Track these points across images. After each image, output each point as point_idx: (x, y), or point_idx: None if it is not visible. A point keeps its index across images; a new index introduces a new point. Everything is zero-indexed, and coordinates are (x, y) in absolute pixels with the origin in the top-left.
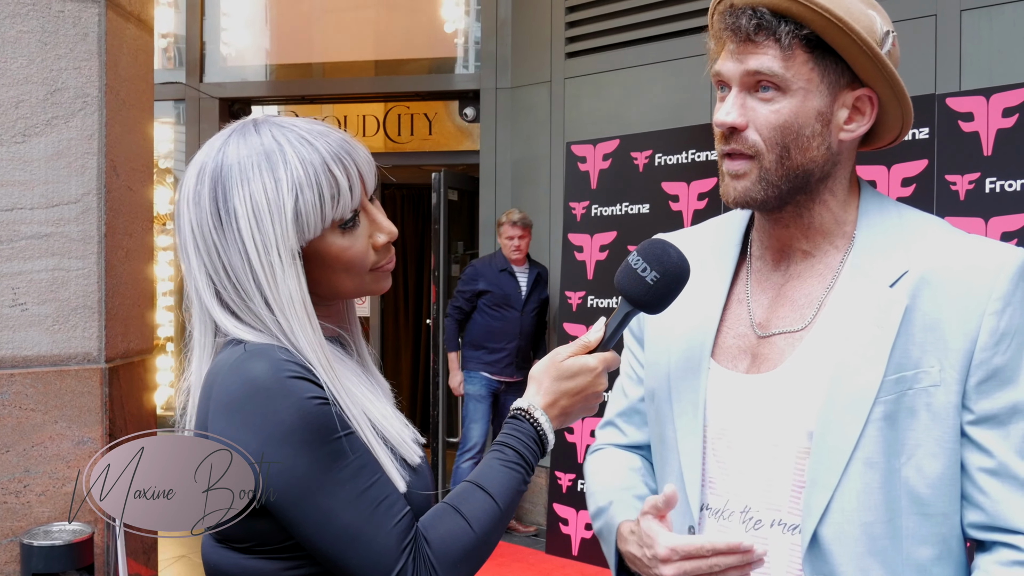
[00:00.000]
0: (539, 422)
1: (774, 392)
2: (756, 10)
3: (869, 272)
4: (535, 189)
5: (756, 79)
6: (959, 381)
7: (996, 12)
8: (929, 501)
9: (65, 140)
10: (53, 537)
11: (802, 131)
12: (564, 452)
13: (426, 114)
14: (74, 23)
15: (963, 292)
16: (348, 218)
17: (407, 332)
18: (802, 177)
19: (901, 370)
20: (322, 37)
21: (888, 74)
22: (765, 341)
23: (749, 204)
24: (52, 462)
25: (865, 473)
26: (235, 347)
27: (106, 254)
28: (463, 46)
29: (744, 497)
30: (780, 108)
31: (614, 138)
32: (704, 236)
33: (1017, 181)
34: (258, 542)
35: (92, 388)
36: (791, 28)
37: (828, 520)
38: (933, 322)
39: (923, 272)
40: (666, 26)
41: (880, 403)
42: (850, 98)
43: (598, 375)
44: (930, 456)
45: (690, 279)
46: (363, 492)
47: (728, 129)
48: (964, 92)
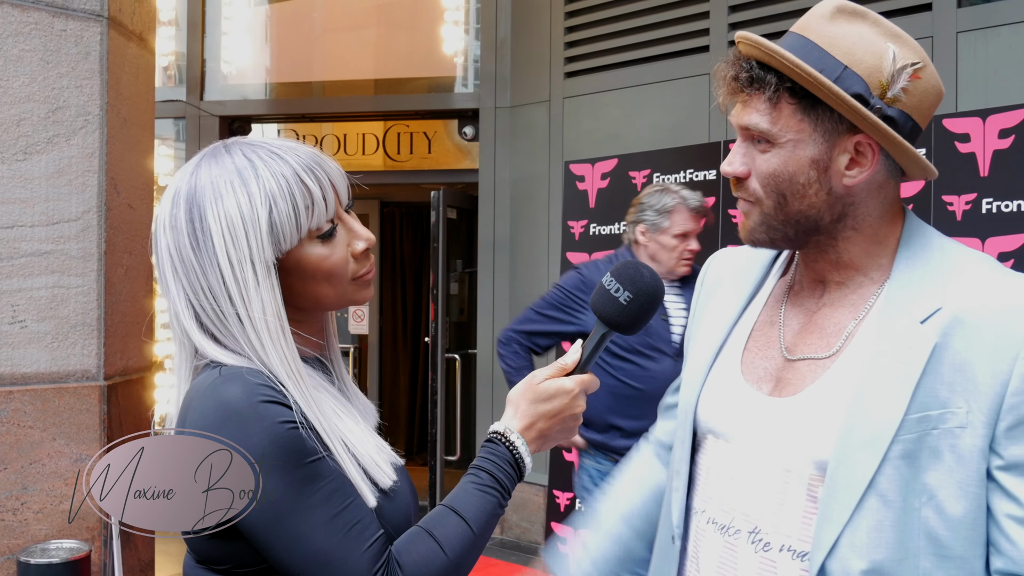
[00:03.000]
0: (515, 446)
1: (792, 417)
2: (748, 62)
3: (902, 307)
4: (534, 208)
5: (750, 133)
6: (987, 424)
7: (992, 34)
8: (948, 544)
9: (66, 158)
10: (50, 555)
11: (795, 179)
12: (562, 471)
13: (425, 133)
14: (76, 42)
15: (997, 334)
16: (326, 229)
17: (406, 350)
18: (807, 222)
19: (926, 409)
20: (322, 56)
21: (873, 125)
22: (790, 365)
23: (757, 244)
24: (50, 479)
25: (879, 510)
26: (211, 371)
27: (106, 272)
28: (463, 65)
29: (753, 518)
30: (770, 158)
31: (612, 157)
32: (751, 253)
33: (1014, 202)
34: (236, 564)
35: (91, 405)
36: (775, 80)
37: (837, 554)
38: (963, 362)
39: (956, 311)
40: (665, 46)
41: (899, 442)
42: (850, 144)
43: (575, 397)
44: (952, 499)
45: (723, 294)
46: (335, 516)
47: (734, 179)
48: (960, 113)
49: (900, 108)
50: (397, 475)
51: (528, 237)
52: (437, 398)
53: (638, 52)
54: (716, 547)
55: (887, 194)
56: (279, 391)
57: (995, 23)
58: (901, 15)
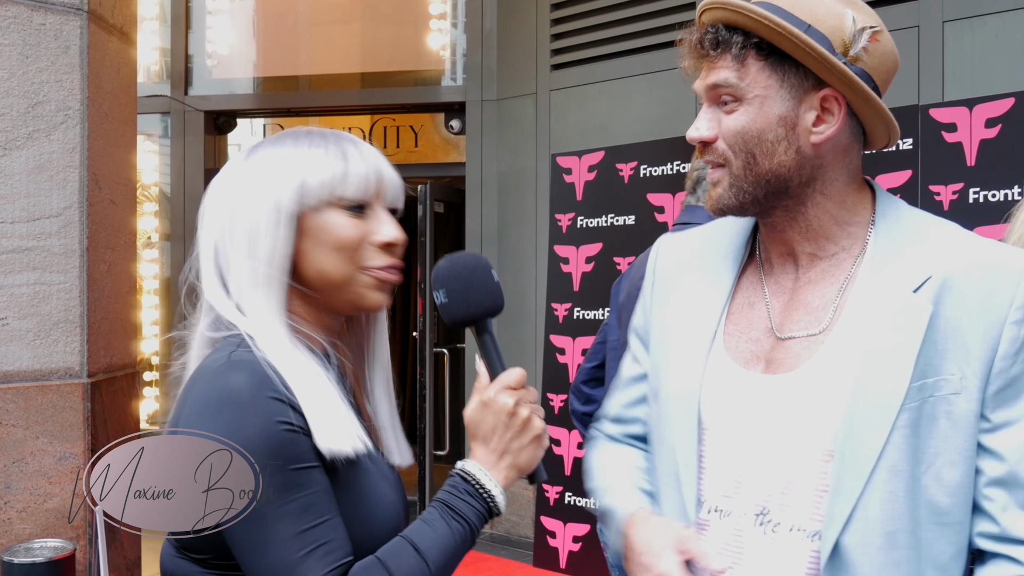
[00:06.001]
0: (469, 472)
1: (793, 394)
2: (713, 26)
3: (891, 276)
4: (521, 201)
5: (718, 92)
6: (980, 389)
7: (978, 23)
8: (948, 511)
9: (47, 153)
10: (34, 554)
11: (764, 136)
12: (551, 465)
13: (412, 126)
14: (56, 36)
15: (984, 298)
16: (352, 203)
17: (394, 344)
18: (776, 183)
19: (923, 377)
20: (308, 50)
21: (841, 74)
22: (780, 344)
23: (725, 210)
24: (33, 478)
25: (889, 481)
26: (222, 353)
27: (88, 268)
28: (449, 59)
29: (760, 499)
30: (738, 117)
31: (599, 150)
32: (709, 236)
33: (1000, 191)
34: (216, 555)
35: (74, 403)
36: (741, 39)
37: (851, 528)
38: (955, 329)
39: (945, 277)
40: (651, 38)
41: (905, 410)
42: (816, 99)
43: (494, 402)
44: (950, 465)
45: (694, 278)
46: (304, 531)
47: (701, 144)
48: (947, 103)
49: (861, 67)
50: (392, 473)
51: (516, 230)
52: (426, 392)
53: (624, 44)
54: (721, 534)
55: (851, 159)
56: (286, 388)
57: (981, 12)
58: (887, 5)
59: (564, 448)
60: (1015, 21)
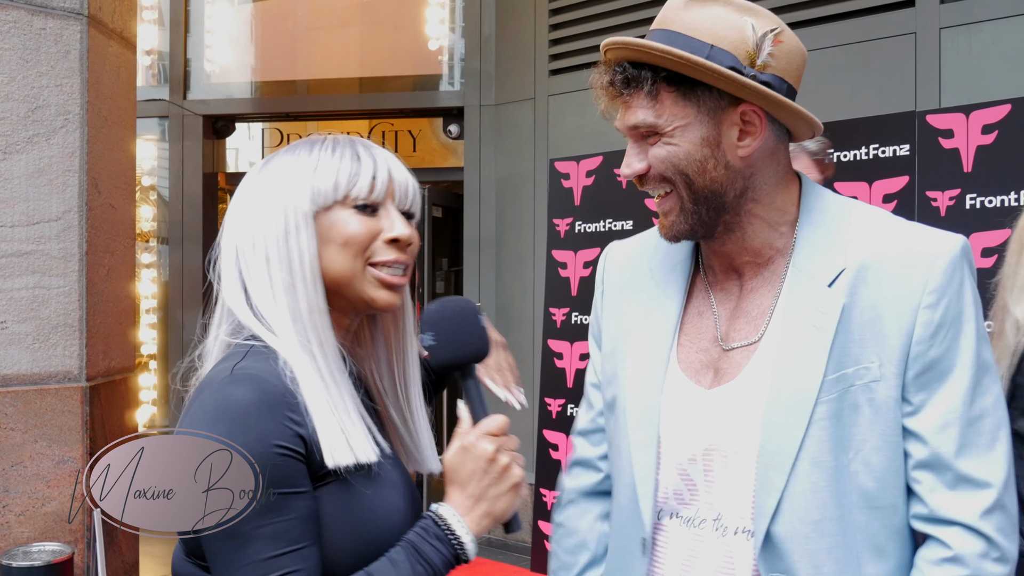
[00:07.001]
0: (442, 517)
1: (729, 404)
2: (620, 65)
3: (810, 273)
4: (519, 206)
5: (639, 131)
6: (898, 375)
7: (975, 30)
8: (877, 495)
9: (46, 158)
10: (32, 558)
11: (692, 158)
12: (549, 469)
13: (410, 131)
14: (56, 40)
15: (898, 285)
16: (362, 202)
17: None
18: (714, 199)
19: (842, 368)
20: (307, 54)
21: (752, 90)
22: (726, 355)
23: (679, 236)
24: (32, 482)
25: (812, 472)
26: (228, 362)
27: (87, 272)
28: (447, 63)
29: (716, 506)
30: (663, 147)
31: (597, 155)
32: (654, 242)
33: (997, 197)
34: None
35: (73, 407)
36: (651, 74)
37: (779, 520)
38: (872, 317)
39: (859, 267)
40: None
41: (822, 403)
42: (736, 116)
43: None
44: (875, 450)
45: (644, 289)
46: (272, 557)
47: (637, 178)
48: (944, 109)
49: (772, 73)
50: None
51: (513, 235)
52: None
53: None
54: (684, 541)
55: (779, 158)
56: (290, 403)
57: (978, 19)
58: (884, 11)
59: (562, 453)
60: (1012, 28)
